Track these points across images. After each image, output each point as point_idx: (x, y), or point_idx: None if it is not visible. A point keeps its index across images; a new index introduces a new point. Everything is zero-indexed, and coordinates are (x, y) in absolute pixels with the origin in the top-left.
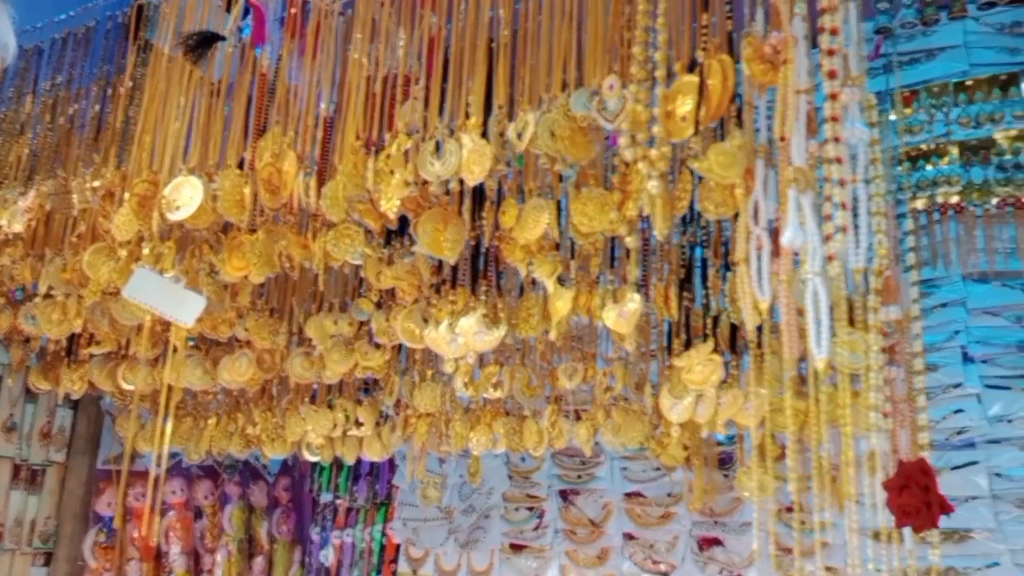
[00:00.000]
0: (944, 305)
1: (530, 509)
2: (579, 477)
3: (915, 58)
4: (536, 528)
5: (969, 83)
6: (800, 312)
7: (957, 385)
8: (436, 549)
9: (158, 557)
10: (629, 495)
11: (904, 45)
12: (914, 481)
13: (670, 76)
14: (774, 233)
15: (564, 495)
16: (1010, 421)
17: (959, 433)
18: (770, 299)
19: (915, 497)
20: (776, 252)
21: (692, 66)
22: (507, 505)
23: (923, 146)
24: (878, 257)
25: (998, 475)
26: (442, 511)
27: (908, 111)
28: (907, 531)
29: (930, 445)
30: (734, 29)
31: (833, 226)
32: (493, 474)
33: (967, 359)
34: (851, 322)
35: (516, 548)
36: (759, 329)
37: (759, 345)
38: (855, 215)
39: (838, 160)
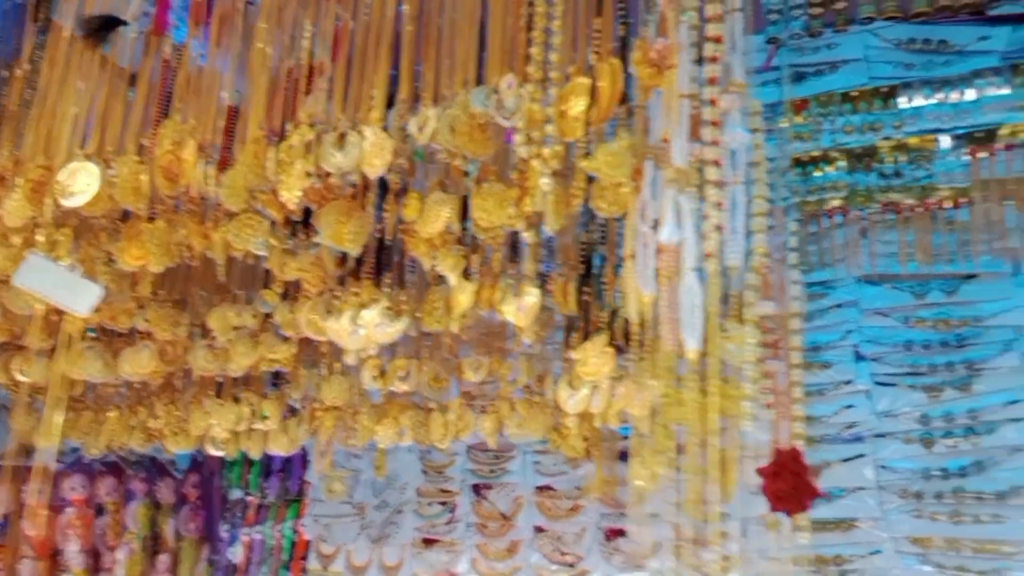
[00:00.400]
0: (839, 306)
1: (443, 504)
2: (492, 471)
3: (820, 70)
4: (448, 522)
5: (854, 94)
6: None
7: (848, 382)
8: (347, 545)
9: (54, 556)
10: (540, 488)
11: (810, 57)
12: (786, 468)
13: (565, 77)
14: None
15: (477, 489)
16: (896, 416)
17: (849, 427)
18: (654, 294)
19: (787, 483)
20: (667, 249)
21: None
22: (420, 500)
23: (813, 152)
24: (758, 256)
25: (883, 467)
26: (355, 507)
27: (799, 119)
28: (787, 519)
29: (806, 435)
30: (628, 34)
31: (710, 225)
32: (407, 469)
33: (859, 357)
34: (734, 316)
35: (428, 542)
36: (649, 323)
37: (647, 338)
38: (735, 215)
39: (716, 163)
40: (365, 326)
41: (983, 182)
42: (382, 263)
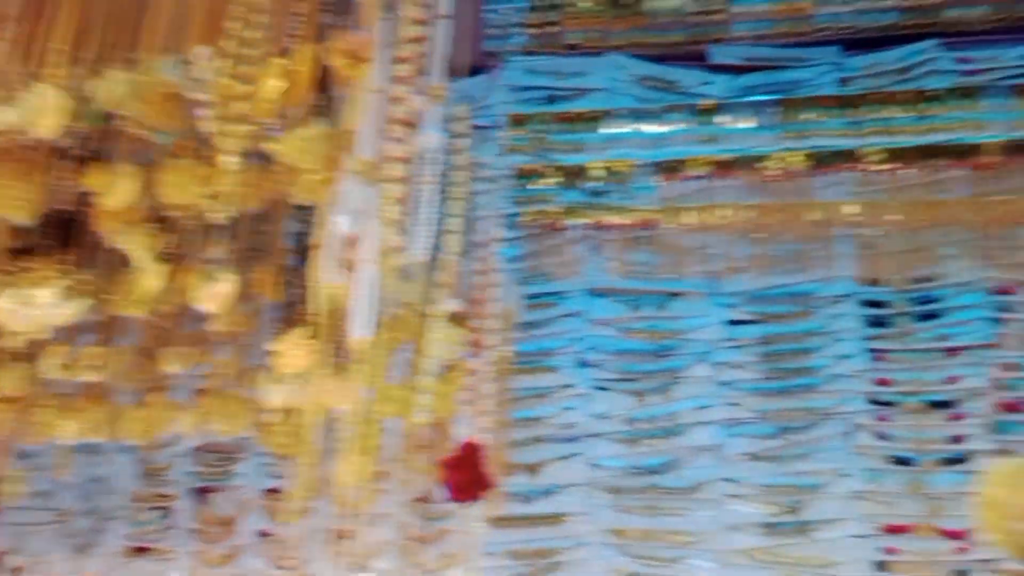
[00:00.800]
0: (567, 315)
1: (159, 509)
2: (219, 473)
3: (572, 95)
4: (163, 529)
5: (570, 114)
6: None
7: (570, 386)
8: (44, 556)
9: None
10: (270, 491)
11: (566, 81)
12: (467, 461)
13: (263, 57)
14: None
15: (200, 493)
16: (608, 418)
17: (567, 428)
18: (338, 284)
19: (465, 475)
20: (352, 240)
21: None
22: (134, 505)
23: (532, 166)
24: (450, 253)
25: (595, 465)
26: (58, 514)
27: (519, 132)
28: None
29: (503, 432)
30: (336, 22)
31: (391, 219)
32: (121, 472)
33: (583, 363)
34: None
35: (139, 551)
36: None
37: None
38: (425, 214)
39: (402, 159)
40: (37, 306)
41: (672, 208)
42: (71, 238)
